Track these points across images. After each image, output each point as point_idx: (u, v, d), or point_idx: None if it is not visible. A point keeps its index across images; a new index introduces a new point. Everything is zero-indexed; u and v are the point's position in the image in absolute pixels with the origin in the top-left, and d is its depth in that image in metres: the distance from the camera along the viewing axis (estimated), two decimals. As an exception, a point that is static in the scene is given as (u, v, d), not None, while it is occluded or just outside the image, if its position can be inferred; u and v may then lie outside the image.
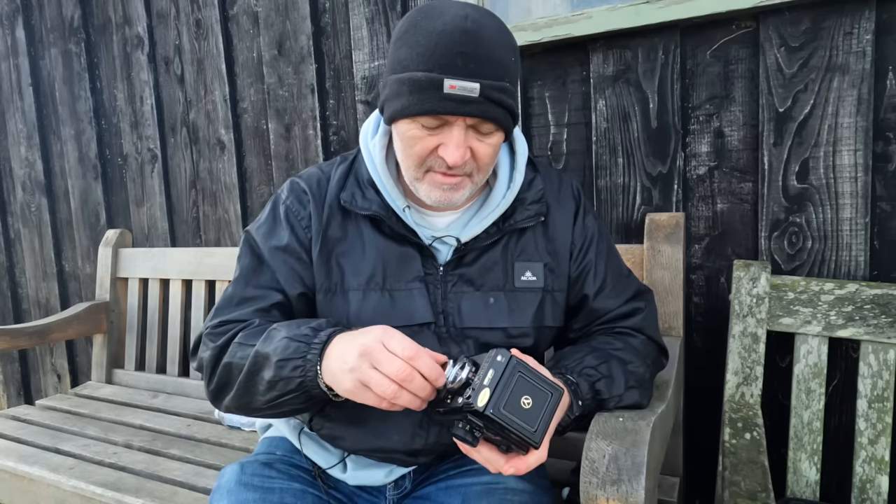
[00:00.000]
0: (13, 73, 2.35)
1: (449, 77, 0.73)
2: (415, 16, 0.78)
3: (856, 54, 1.12)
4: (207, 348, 0.85)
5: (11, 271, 2.54)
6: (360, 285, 0.88)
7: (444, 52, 0.74)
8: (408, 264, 0.89)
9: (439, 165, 0.81)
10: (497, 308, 0.89)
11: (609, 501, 0.70)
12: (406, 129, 0.80)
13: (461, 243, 0.88)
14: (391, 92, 0.79)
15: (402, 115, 0.78)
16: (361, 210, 0.88)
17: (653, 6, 1.23)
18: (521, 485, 0.91)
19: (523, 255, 0.91)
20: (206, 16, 1.87)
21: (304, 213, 0.91)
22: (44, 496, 1.34)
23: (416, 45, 0.76)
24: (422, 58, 0.75)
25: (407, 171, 0.84)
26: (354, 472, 0.95)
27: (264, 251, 0.90)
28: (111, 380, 2.02)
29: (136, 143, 2.09)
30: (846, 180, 1.15)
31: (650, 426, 0.75)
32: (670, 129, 1.29)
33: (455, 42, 0.74)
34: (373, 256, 0.89)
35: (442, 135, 0.79)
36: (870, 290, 1.04)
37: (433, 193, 0.83)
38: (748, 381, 1.11)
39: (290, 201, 0.92)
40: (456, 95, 0.74)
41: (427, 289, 0.89)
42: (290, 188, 0.94)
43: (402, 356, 0.68)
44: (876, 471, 1.03)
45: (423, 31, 0.76)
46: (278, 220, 0.92)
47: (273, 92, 1.79)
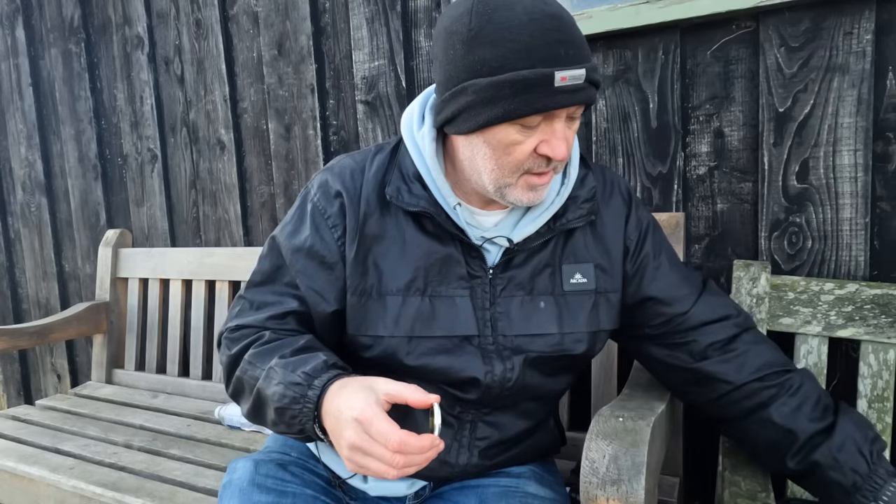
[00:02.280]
0: (13, 73, 2.35)
1: (559, 69, 0.68)
2: (482, 11, 0.70)
3: (856, 54, 1.12)
4: (224, 354, 0.85)
5: (11, 271, 2.54)
6: (399, 289, 0.82)
7: (546, 42, 0.68)
8: (452, 267, 0.83)
9: (538, 165, 0.75)
10: (547, 313, 0.84)
11: (609, 501, 0.70)
12: (504, 134, 0.72)
13: (513, 244, 0.83)
14: (481, 97, 0.70)
15: (505, 120, 0.71)
16: (409, 206, 0.81)
17: (653, 6, 1.23)
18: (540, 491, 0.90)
19: (572, 258, 0.87)
20: (206, 16, 1.87)
21: (331, 211, 0.84)
22: (44, 496, 1.34)
23: (506, 41, 0.68)
24: (520, 54, 0.68)
25: (496, 178, 0.76)
26: (376, 484, 0.91)
27: (286, 253, 0.86)
28: (111, 380, 2.02)
29: (136, 143, 2.09)
30: (846, 180, 1.15)
31: (650, 426, 0.75)
32: (670, 129, 1.29)
33: (551, 30, 0.68)
34: (415, 257, 0.82)
35: (541, 131, 0.73)
36: (870, 290, 1.04)
37: (526, 196, 0.78)
38: (748, 381, 1.11)
39: (317, 198, 0.85)
40: (567, 87, 0.69)
41: (472, 295, 0.83)
42: (319, 183, 0.87)
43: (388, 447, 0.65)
44: (876, 471, 1.03)
45: (507, 24, 0.68)
46: (304, 218, 0.86)
47: (273, 92, 1.79)
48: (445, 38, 0.74)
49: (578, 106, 0.73)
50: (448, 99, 0.74)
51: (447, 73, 0.74)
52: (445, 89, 0.75)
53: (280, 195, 1.82)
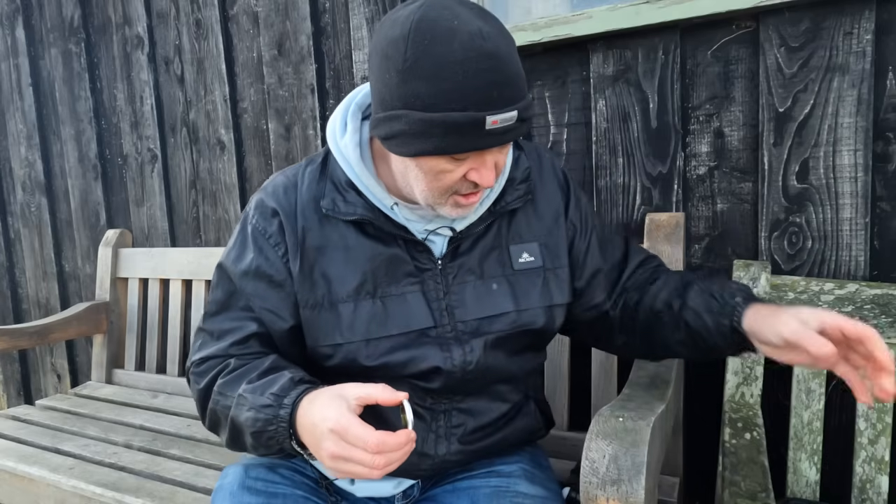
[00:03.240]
0: (13, 73, 2.35)
1: (490, 113, 0.68)
2: (418, 41, 0.68)
3: (856, 54, 1.12)
4: (193, 390, 0.87)
5: (11, 271, 2.54)
6: (349, 295, 0.84)
7: (479, 85, 0.68)
8: (399, 266, 0.85)
9: (467, 188, 0.78)
10: (501, 294, 0.87)
11: (609, 501, 0.70)
12: (434, 163, 0.74)
13: (456, 232, 0.86)
14: (413, 130, 0.71)
15: (435, 154, 0.73)
16: (346, 216, 0.83)
17: (653, 6, 1.23)
18: (532, 489, 0.90)
19: (517, 238, 0.90)
20: (206, 16, 1.87)
21: (271, 230, 0.85)
22: (44, 496, 1.34)
23: (440, 79, 0.68)
24: (452, 94, 0.68)
25: (426, 196, 0.79)
26: (362, 485, 0.93)
27: (235, 278, 0.87)
28: (111, 380, 2.02)
29: (136, 143, 2.09)
30: (846, 180, 1.15)
31: (650, 426, 0.75)
32: (670, 129, 1.29)
33: (484, 70, 0.68)
34: (361, 262, 0.84)
35: (471, 160, 0.75)
36: (870, 290, 1.04)
37: (455, 211, 0.80)
38: (748, 381, 1.11)
39: (256, 220, 0.87)
40: (498, 129, 0.70)
41: (423, 289, 0.85)
42: (255, 204, 0.88)
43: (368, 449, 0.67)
44: (876, 471, 1.03)
45: (441, 61, 0.67)
46: (246, 241, 0.87)
47: (273, 92, 1.79)
48: (381, 61, 0.73)
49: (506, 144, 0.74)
50: (383, 120, 0.75)
51: (382, 94, 0.74)
52: (381, 109, 0.75)
53: (280, 195, 1.82)
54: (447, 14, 0.69)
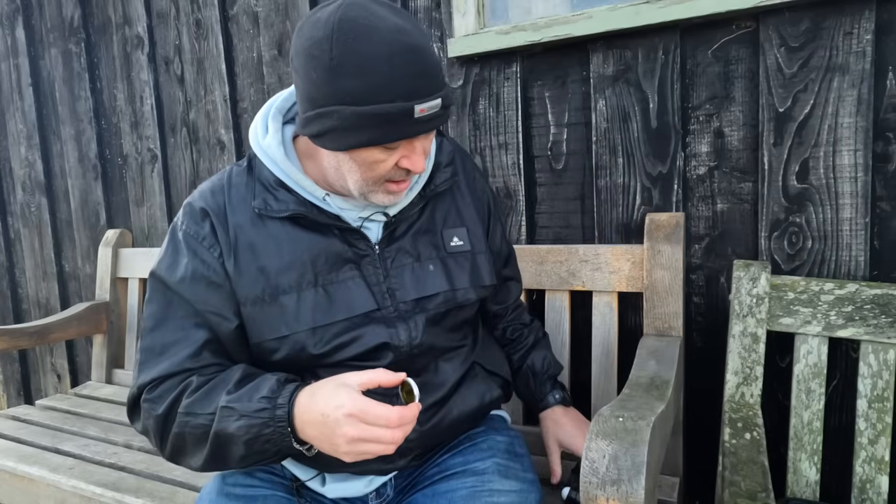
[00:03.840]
0: (13, 73, 2.35)
1: (417, 102, 0.73)
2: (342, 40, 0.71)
3: (856, 54, 1.12)
4: (149, 416, 0.81)
5: (11, 271, 2.54)
6: (291, 287, 0.84)
7: (405, 76, 0.72)
8: (337, 254, 0.87)
9: (398, 175, 0.81)
10: (437, 274, 0.92)
11: (609, 501, 0.70)
12: (368, 154, 0.78)
13: (391, 217, 0.89)
14: (346, 124, 0.74)
15: (370, 145, 0.76)
16: (279, 213, 0.85)
17: (653, 6, 1.23)
18: (506, 485, 0.90)
19: (447, 223, 0.95)
20: (206, 16, 1.87)
21: (204, 232, 0.85)
22: (44, 496, 1.34)
23: (368, 73, 0.71)
24: (381, 88, 0.72)
25: (359, 185, 0.82)
26: (333, 485, 0.93)
27: (173, 286, 0.84)
28: (111, 380, 2.02)
29: (136, 143, 2.09)
30: (846, 180, 1.15)
31: (650, 426, 0.75)
32: (670, 129, 1.29)
33: (408, 63, 0.72)
34: (299, 254, 0.85)
35: (402, 149, 0.79)
36: (870, 290, 1.04)
37: (387, 198, 0.84)
38: (748, 381, 1.11)
39: (185, 225, 0.86)
40: (425, 117, 0.75)
41: (363, 273, 0.87)
42: (184, 212, 0.88)
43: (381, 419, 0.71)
44: (876, 471, 1.03)
45: (367, 57, 0.71)
46: (178, 248, 0.85)
47: (273, 92, 1.79)
48: (306, 61, 0.75)
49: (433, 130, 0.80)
50: (313, 118, 0.77)
51: (309, 93, 0.76)
52: (309, 108, 0.77)
53: (280, 195, 1.82)
54: (366, 14, 0.73)
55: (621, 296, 1.30)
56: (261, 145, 0.87)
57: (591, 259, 1.28)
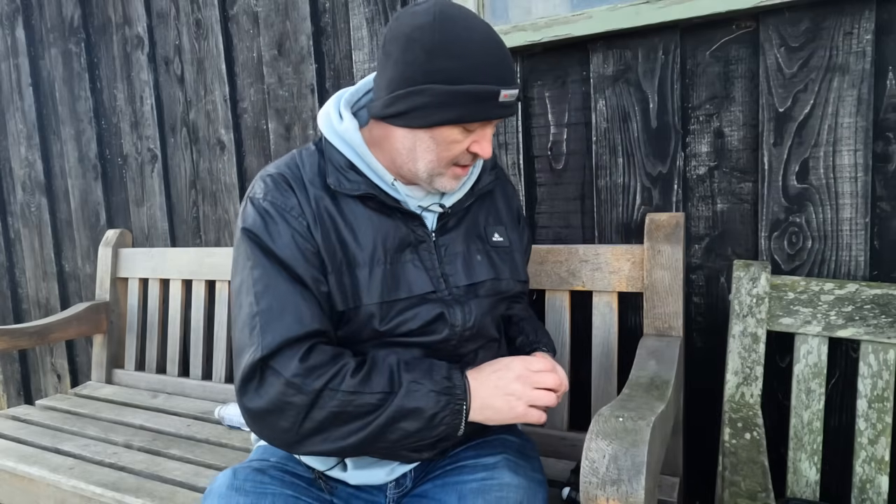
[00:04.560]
0: (13, 73, 2.35)
1: (504, 87, 0.83)
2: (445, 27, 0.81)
3: (856, 54, 1.12)
4: (298, 392, 0.80)
5: (11, 271, 2.54)
6: (365, 262, 0.89)
7: (494, 63, 0.82)
8: (401, 236, 0.92)
9: (465, 159, 0.90)
10: (484, 264, 0.99)
11: (609, 501, 0.70)
12: (448, 134, 0.86)
13: (446, 209, 0.95)
14: (437, 101, 0.82)
15: (456, 123, 0.84)
16: (352, 191, 0.90)
17: (653, 6, 1.23)
18: (515, 480, 0.91)
19: (490, 220, 1.04)
20: (206, 16, 1.87)
21: (291, 203, 0.89)
22: (44, 496, 1.34)
23: (465, 56, 0.81)
24: (475, 70, 0.81)
25: (430, 167, 0.89)
26: (355, 472, 0.94)
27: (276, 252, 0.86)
28: (111, 380, 2.02)
29: (136, 143, 2.09)
30: (846, 180, 1.15)
31: (650, 426, 0.75)
32: (670, 129, 1.29)
33: (497, 52, 0.83)
34: (369, 232, 0.91)
35: (476, 134, 0.88)
36: (870, 290, 1.04)
37: (450, 183, 0.92)
38: (748, 381, 1.11)
39: (271, 196, 0.89)
40: (506, 102, 0.84)
41: (420, 258, 0.93)
42: (263, 184, 0.91)
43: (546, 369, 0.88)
44: (876, 471, 1.03)
45: (465, 42, 0.81)
46: (271, 217, 0.88)
47: (273, 92, 1.79)
48: (405, 43, 0.83)
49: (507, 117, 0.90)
50: (403, 96, 0.84)
51: (403, 73, 0.84)
52: (400, 87, 0.84)
53: (280, 195, 1.82)
54: (460, 10, 0.84)
55: (621, 296, 1.30)
56: (336, 130, 0.93)
57: (591, 259, 1.28)
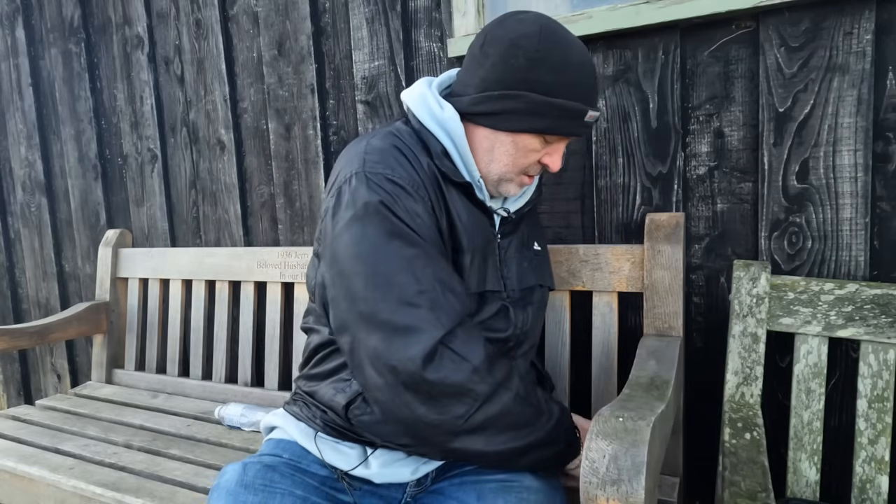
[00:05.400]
0: (13, 73, 2.35)
1: (591, 108, 0.88)
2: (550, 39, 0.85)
3: (856, 54, 1.12)
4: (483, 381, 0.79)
5: (11, 271, 2.54)
6: (467, 248, 0.92)
7: (588, 85, 0.87)
8: (486, 231, 0.96)
9: (534, 170, 0.95)
10: (531, 270, 1.04)
11: (609, 501, 0.70)
12: (529, 142, 0.90)
13: (511, 214, 1.00)
14: (530, 109, 0.86)
15: (542, 132, 0.88)
16: (458, 178, 0.92)
17: (653, 6, 1.23)
18: (536, 483, 0.91)
19: (530, 231, 1.08)
20: (206, 16, 1.87)
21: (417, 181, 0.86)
22: (44, 496, 1.34)
23: (562, 73, 0.85)
24: (571, 87, 0.85)
25: (502, 171, 0.93)
26: (380, 470, 0.93)
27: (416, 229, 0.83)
28: (111, 380, 2.02)
29: (136, 143, 2.09)
30: (846, 180, 1.15)
31: (650, 426, 0.75)
32: (670, 129, 1.29)
33: (590, 75, 0.88)
34: (469, 221, 0.93)
35: (551, 147, 0.93)
36: (870, 290, 1.04)
37: (515, 189, 0.96)
38: (748, 381, 1.11)
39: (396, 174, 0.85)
40: (589, 123, 0.89)
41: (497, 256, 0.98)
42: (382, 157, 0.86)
43: None
44: (876, 471, 1.03)
45: (565, 59, 0.85)
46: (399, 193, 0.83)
47: (273, 92, 1.79)
48: (509, 48, 0.86)
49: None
50: (496, 98, 0.88)
51: (500, 76, 0.87)
52: (493, 88, 0.88)
53: (280, 195, 1.82)
54: (563, 29, 0.88)
55: (621, 296, 1.30)
56: (437, 117, 0.92)
57: (591, 259, 1.28)
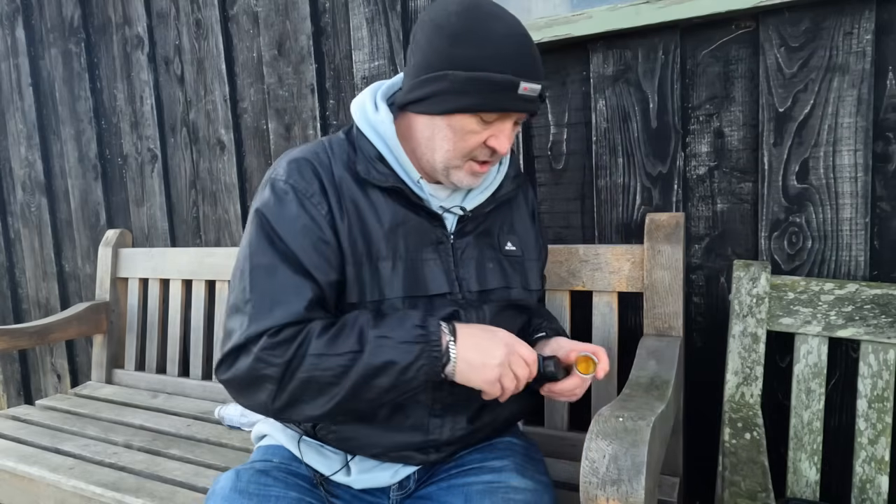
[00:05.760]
0: (13, 73, 2.35)
1: (524, 80, 0.81)
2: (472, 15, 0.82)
3: (856, 54, 1.12)
4: (269, 365, 0.79)
5: (11, 271, 2.54)
6: (388, 255, 0.89)
7: (518, 55, 0.81)
8: (425, 233, 0.92)
9: (483, 155, 0.88)
10: (495, 271, 0.97)
11: (609, 501, 0.70)
12: (464, 123, 0.84)
13: (467, 212, 0.94)
14: (451, 87, 0.82)
15: (472, 111, 0.83)
16: (381, 182, 0.89)
17: (653, 6, 1.23)
18: (522, 483, 0.90)
19: (504, 230, 1.01)
20: (206, 16, 1.87)
21: (312, 189, 0.87)
22: (44, 496, 1.34)
23: (485, 46, 0.80)
24: (495, 59, 0.80)
25: (446, 158, 0.88)
26: (360, 476, 0.94)
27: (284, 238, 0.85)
28: (111, 380, 2.02)
29: (136, 143, 2.09)
30: (846, 180, 1.15)
31: (650, 426, 0.75)
32: (670, 129, 1.29)
33: (523, 46, 0.82)
34: (394, 226, 0.90)
35: (494, 128, 0.86)
36: (870, 290, 1.04)
37: (466, 179, 0.90)
38: (748, 381, 1.11)
39: (293, 179, 0.88)
40: (526, 96, 0.82)
41: (440, 258, 0.92)
42: (287, 167, 0.89)
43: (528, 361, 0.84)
44: (876, 471, 1.03)
45: (489, 32, 0.81)
46: (287, 201, 0.86)
47: (273, 92, 1.79)
48: (431, 30, 0.84)
49: (527, 113, 0.87)
50: (424, 81, 0.84)
51: (427, 59, 0.84)
52: (422, 72, 0.85)
53: (280, 195, 1.82)
54: (492, 3, 0.85)
55: (621, 296, 1.30)
56: (370, 120, 0.92)
57: (591, 259, 1.28)
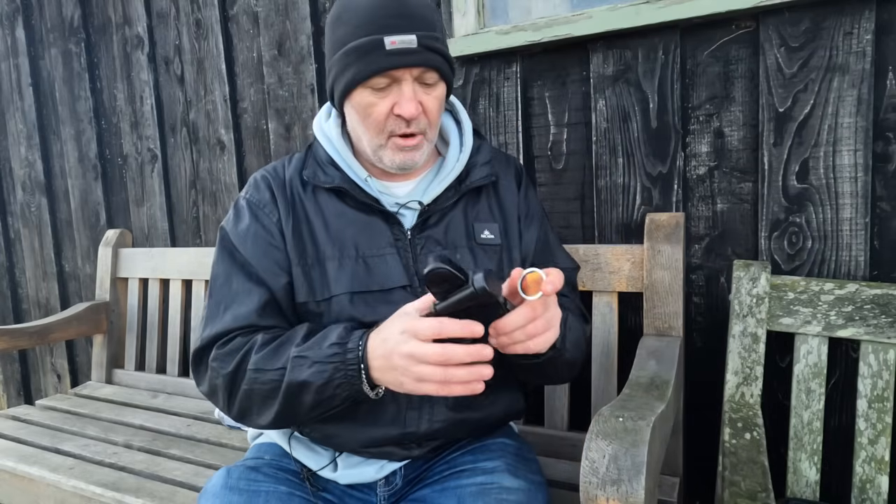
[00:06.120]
0: (13, 73, 2.35)
1: (388, 35, 0.81)
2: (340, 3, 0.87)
3: (856, 54, 1.12)
4: (218, 375, 0.85)
5: (11, 271, 2.54)
6: (334, 255, 0.91)
7: (379, 15, 0.82)
8: (378, 233, 0.93)
9: (398, 127, 0.88)
10: (463, 262, 0.94)
11: (609, 501, 0.70)
12: (360, 98, 0.86)
13: (425, 206, 0.94)
14: (338, 69, 0.86)
15: (355, 84, 0.85)
16: (324, 183, 0.93)
17: (653, 6, 1.23)
18: (515, 483, 0.90)
19: (480, 217, 0.99)
20: (206, 16, 1.87)
21: (265, 200, 0.95)
22: (44, 496, 1.34)
23: (350, 20, 0.84)
24: (359, 27, 0.83)
25: (370, 141, 0.90)
26: (345, 471, 0.95)
27: (238, 247, 0.93)
28: (111, 380, 2.02)
29: (136, 143, 2.09)
30: (846, 180, 1.15)
31: (650, 426, 0.75)
32: (670, 129, 1.29)
33: (385, 6, 0.83)
34: (343, 227, 0.93)
35: (393, 94, 0.86)
36: (870, 290, 1.04)
37: (396, 157, 0.90)
38: (748, 381, 1.11)
39: (249, 194, 0.97)
40: (398, 49, 0.81)
41: (399, 253, 0.93)
42: (248, 186, 0.99)
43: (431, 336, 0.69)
44: (876, 471, 1.03)
45: (356, 6, 0.84)
46: (242, 214, 0.95)
47: (273, 92, 1.79)
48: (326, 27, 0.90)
49: (421, 69, 0.84)
50: (329, 75, 0.90)
51: (327, 54, 0.89)
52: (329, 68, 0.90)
53: (280, 195, 1.82)
54: None
55: (621, 296, 1.30)
56: (322, 127, 0.98)
57: (591, 259, 1.28)
